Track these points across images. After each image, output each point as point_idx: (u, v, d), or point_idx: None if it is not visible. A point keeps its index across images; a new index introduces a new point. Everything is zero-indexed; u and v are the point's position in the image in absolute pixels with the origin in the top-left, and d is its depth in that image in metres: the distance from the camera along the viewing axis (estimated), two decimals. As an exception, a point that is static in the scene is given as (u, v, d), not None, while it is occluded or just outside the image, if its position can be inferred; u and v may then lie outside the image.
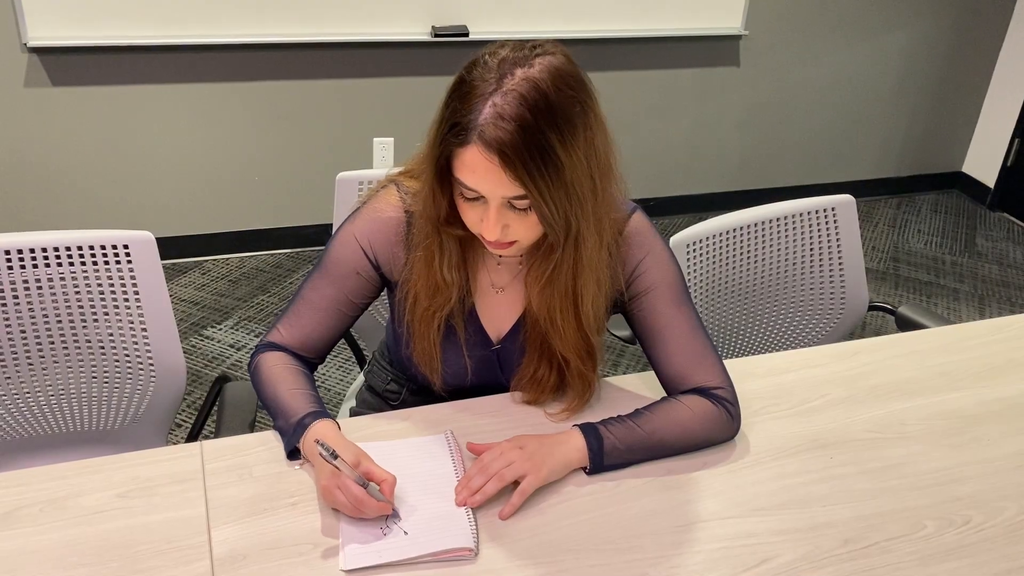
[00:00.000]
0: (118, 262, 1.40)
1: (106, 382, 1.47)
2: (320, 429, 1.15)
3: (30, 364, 1.42)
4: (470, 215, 1.11)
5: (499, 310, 1.28)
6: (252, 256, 3.37)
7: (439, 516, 1.11)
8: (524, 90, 1.01)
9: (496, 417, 1.30)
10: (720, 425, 1.25)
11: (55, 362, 1.44)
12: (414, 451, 1.21)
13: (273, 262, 3.34)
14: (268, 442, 1.23)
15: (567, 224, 1.09)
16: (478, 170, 1.04)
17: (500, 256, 1.25)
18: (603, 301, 1.21)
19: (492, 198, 1.06)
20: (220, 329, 2.92)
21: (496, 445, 1.16)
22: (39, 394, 1.45)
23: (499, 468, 1.12)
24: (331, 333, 1.29)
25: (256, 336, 2.88)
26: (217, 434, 1.36)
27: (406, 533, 1.08)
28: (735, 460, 1.25)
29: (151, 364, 1.46)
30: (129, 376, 1.47)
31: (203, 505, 1.11)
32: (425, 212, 1.16)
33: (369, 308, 1.62)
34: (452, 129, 1.04)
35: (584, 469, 1.19)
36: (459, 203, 1.11)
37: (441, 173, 1.09)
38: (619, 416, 1.23)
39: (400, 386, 1.45)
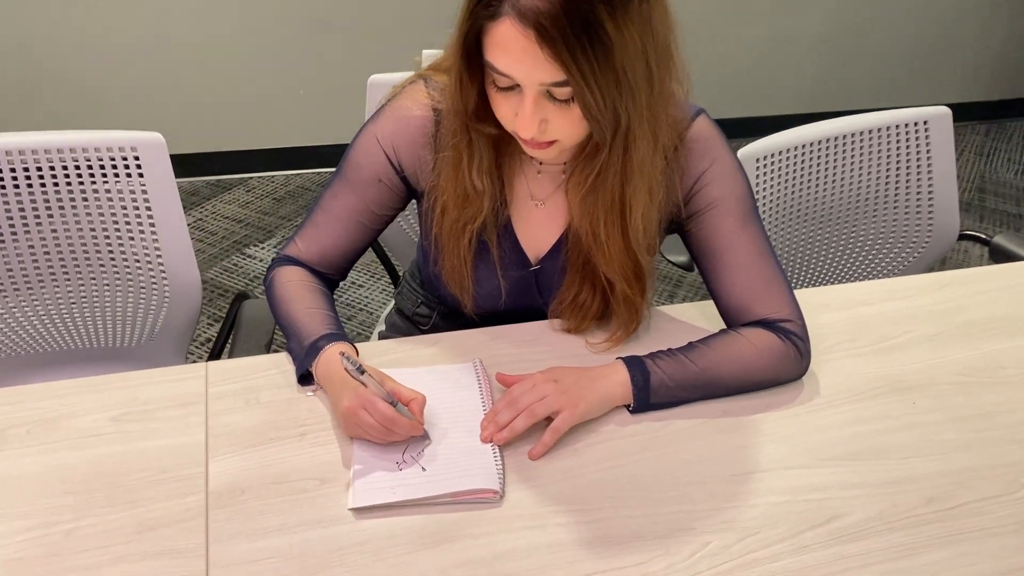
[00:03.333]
0: (126, 166, 1.29)
1: (119, 295, 1.38)
2: (337, 350, 1.03)
3: (39, 276, 1.33)
4: (503, 108, 0.96)
5: (538, 226, 1.13)
6: (297, 174, 3.26)
7: (462, 453, 0.99)
8: None
9: (532, 346, 1.16)
10: (787, 362, 1.09)
11: (65, 274, 1.34)
12: (438, 380, 1.09)
13: (319, 180, 3.23)
14: (281, 365, 1.11)
15: (615, 118, 0.92)
16: (511, 49, 0.88)
17: (540, 163, 1.10)
18: (656, 215, 1.06)
19: (528, 85, 0.91)
20: (263, 248, 2.83)
21: (528, 377, 1.03)
22: (50, 308, 1.36)
23: (530, 402, 0.99)
24: (352, 247, 1.16)
25: (298, 256, 2.79)
26: (230, 355, 1.26)
27: (424, 470, 0.96)
28: (802, 402, 1.10)
29: (164, 276, 1.35)
30: (143, 289, 1.37)
31: (203, 432, 1.01)
32: (452, 105, 1.00)
33: (400, 222, 1.50)
34: (482, 0, 0.88)
35: (627, 407, 1.06)
36: (491, 94, 0.96)
37: (469, 56, 0.93)
38: (670, 349, 1.08)
39: (431, 309, 1.32)
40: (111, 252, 1.34)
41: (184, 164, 3.12)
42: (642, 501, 0.94)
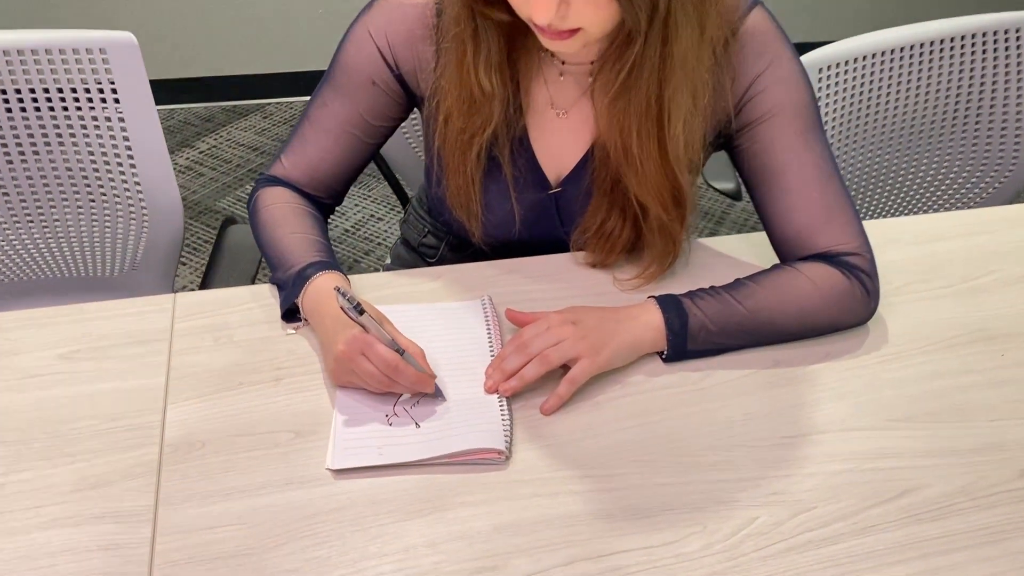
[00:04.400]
0: (94, 71, 1.13)
1: (94, 219, 1.23)
2: (328, 282, 0.88)
3: (7, 199, 1.19)
4: None
5: (560, 140, 0.96)
6: (318, 100, 3.09)
7: (463, 406, 0.84)
8: None
9: (550, 281, 1.00)
10: (851, 303, 0.92)
11: (34, 194, 1.20)
12: (439, 319, 0.94)
13: (340, 107, 3.05)
14: (261, 297, 0.97)
15: (652, 0, 0.75)
16: None
17: (562, 62, 0.92)
18: (700, 125, 0.88)
19: None
20: (279, 177, 2.68)
21: (543, 317, 0.87)
22: (22, 234, 1.23)
23: (544, 347, 0.83)
24: (344, 164, 1.01)
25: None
26: (205, 285, 1.11)
27: (418, 426, 0.82)
28: (868, 352, 0.93)
29: (140, 195, 1.21)
30: (119, 208, 1.22)
31: (163, 374, 0.87)
32: None
33: (410, 139, 1.33)
34: None
35: (659, 355, 0.90)
36: None
37: None
38: (712, 287, 0.92)
39: (438, 239, 1.16)
40: (82, 168, 1.19)
41: (199, 88, 2.97)
42: (675, 467, 0.79)
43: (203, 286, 1.29)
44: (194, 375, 0.87)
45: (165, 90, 2.89)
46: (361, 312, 0.78)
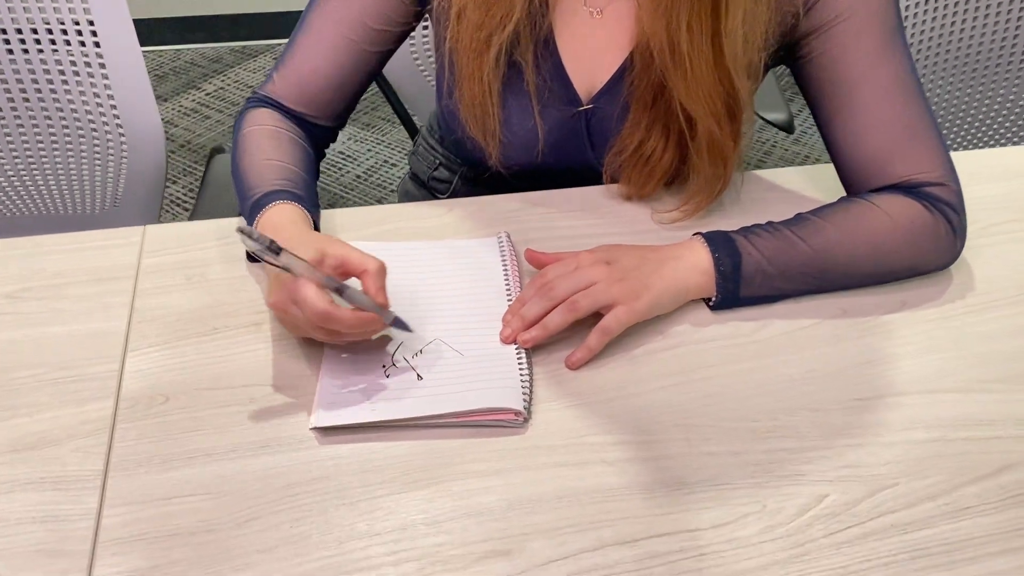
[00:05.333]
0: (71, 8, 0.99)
1: (69, 149, 1.11)
2: (284, 214, 0.74)
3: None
4: None
5: (593, 45, 0.82)
6: (331, 41, 2.94)
7: (475, 358, 0.71)
8: None
9: (579, 216, 0.87)
10: (934, 242, 0.78)
11: (2, 123, 1.07)
12: (448, 258, 0.81)
13: (354, 48, 2.90)
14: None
15: None
16: None
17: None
18: (763, 20, 0.73)
19: None
20: (289, 120, 2.54)
21: (570, 256, 0.74)
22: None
23: (571, 290, 0.70)
24: (341, 75, 0.86)
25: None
26: (192, 217, 0.99)
27: (420, 379, 0.69)
28: (952, 300, 0.79)
29: (118, 122, 1.07)
30: (95, 137, 1.09)
31: (125, 317, 0.74)
32: None
33: (419, 63, 1.18)
34: None
35: (707, 302, 0.76)
36: None
37: None
38: (770, 223, 0.77)
39: (451, 173, 1.03)
40: (54, 92, 1.06)
41: (206, 28, 2.82)
42: (726, 434, 0.66)
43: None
44: (160, 318, 0.74)
45: (172, 30, 2.75)
46: (278, 252, 0.63)
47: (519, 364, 0.70)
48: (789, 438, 0.66)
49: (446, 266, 0.80)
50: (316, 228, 0.76)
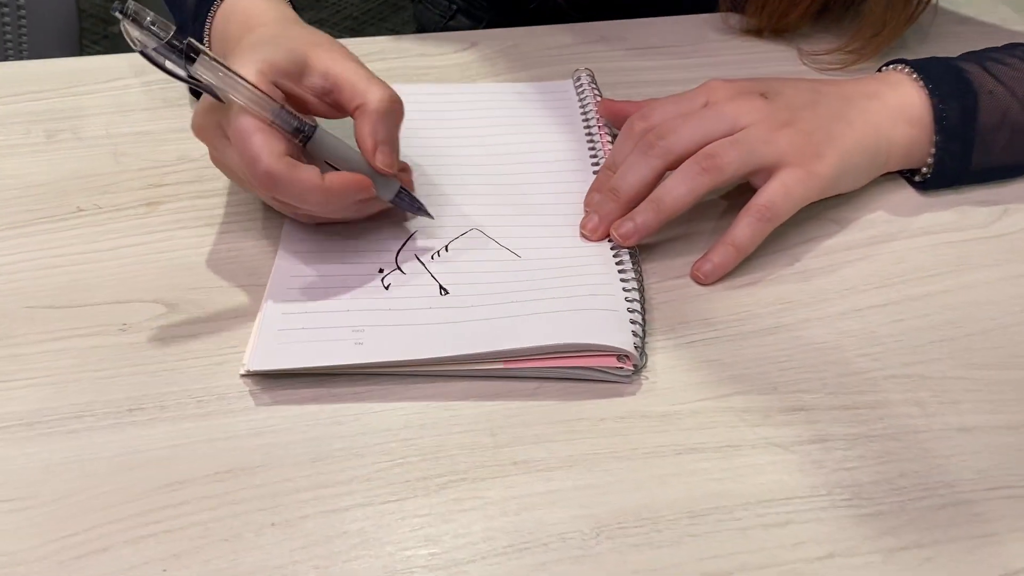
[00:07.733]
0: None
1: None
2: (243, 5, 0.44)
3: None
4: None
5: None
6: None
7: (541, 263, 0.40)
8: None
9: (680, 55, 0.56)
10: None
11: None
12: (495, 108, 0.51)
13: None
14: (147, 69, 0.53)
15: None
16: None
17: None
18: None
19: None
20: None
21: (683, 95, 0.43)
22: None
23: (700, 139, 0.40)
24: None
25: None
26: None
27: (444, 293, 0.39)
28: None
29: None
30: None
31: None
32: None
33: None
34: None
35: (910, 177, 0.45)
36: None
37: None
38: (1016, 44, 0.47)
39: (475, 21, 0.73)
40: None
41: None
42: (986, 391, 0.36)
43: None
44: (5, 199, 0.44)
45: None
46: (192, 58, 0.34)
47: (621, 275, 0.39)
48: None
49: (496, 117, 0.50)
50: None
